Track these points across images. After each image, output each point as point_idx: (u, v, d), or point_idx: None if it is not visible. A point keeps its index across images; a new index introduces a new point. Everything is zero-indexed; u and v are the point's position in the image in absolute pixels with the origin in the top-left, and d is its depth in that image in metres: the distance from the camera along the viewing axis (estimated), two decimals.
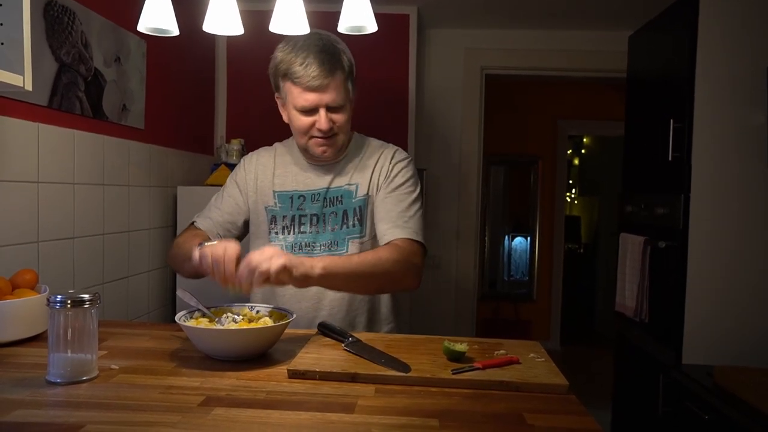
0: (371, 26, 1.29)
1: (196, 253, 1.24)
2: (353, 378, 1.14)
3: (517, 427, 0.95)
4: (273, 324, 1.24)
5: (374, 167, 1.51)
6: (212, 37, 2.96)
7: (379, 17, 3.07)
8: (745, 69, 1.96)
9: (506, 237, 6.68)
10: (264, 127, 3.09)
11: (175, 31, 1.30)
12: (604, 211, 6.08)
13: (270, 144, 1.66)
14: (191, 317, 1.31)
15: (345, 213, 1.48)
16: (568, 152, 6.14)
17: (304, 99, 1.37)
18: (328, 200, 1.49)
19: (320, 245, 1.49)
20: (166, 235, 2.49)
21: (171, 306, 2.54)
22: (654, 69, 2.32)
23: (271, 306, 1.40)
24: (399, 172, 1.51)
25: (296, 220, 1.49)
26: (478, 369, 1.17)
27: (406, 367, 1.17)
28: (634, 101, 2.53)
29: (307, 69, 1.34)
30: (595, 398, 2.36)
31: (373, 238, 1.51)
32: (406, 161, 1.55)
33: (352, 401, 1.03)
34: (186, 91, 2.73)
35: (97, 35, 1.93)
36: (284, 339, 1.39)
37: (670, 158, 2.01)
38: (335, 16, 1.34)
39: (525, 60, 3.39)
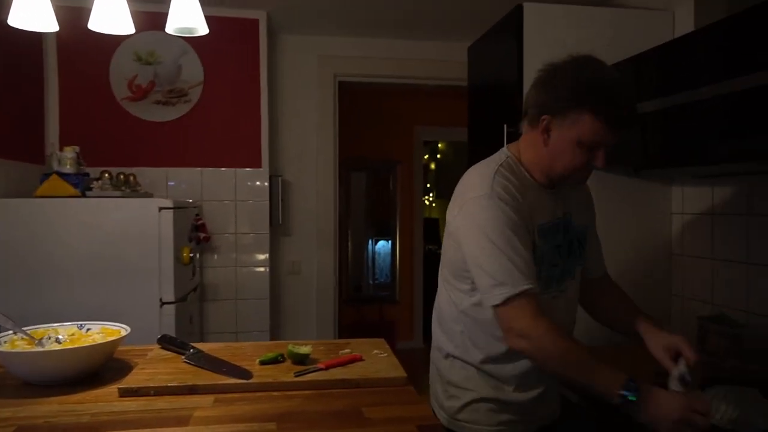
0: (202, 28, 1.25)
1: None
2: (191, 390, 1.10)
3: (354, 421, 0.97)
4: (101, 342, 1.16)
5: (579, 198, 1.48)
6: (38, 36, 2.70)
7: (226, 21, 3.03)
8: None
9: (369, 241, 6.81)
10: (103, 134, 2.90)
11: None
12: None
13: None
14: (6, 341, 1.19)
15: (571, 242, 1.41)
16: (425, 157, 6.41)
17: (601, 136, 1.25)
18: (564, 229, 1.40)
19: (563, 274, 1.39)
20: None
21: None
22: (489, 77, 2.50)
23: (103, 323, 1.30)
24: (593, 206, 1.55)
25: (554, 253, 1.36)
26: (321, 369, 1.18)
27: (247, 374, 1.14)
28: (474, 108, 2.70)
29: (621, 108, 1.25)
30: None
31: None
32: None
33: (187, 414, 0.99)
34: (7, 93, 2.46)
35: None
36: (119, 356, 1.30)
37: None
38: (162, 17, 1.28)
39: (377, 68, 3.48)
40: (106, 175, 2.54)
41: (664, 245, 2.24)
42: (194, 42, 2.90)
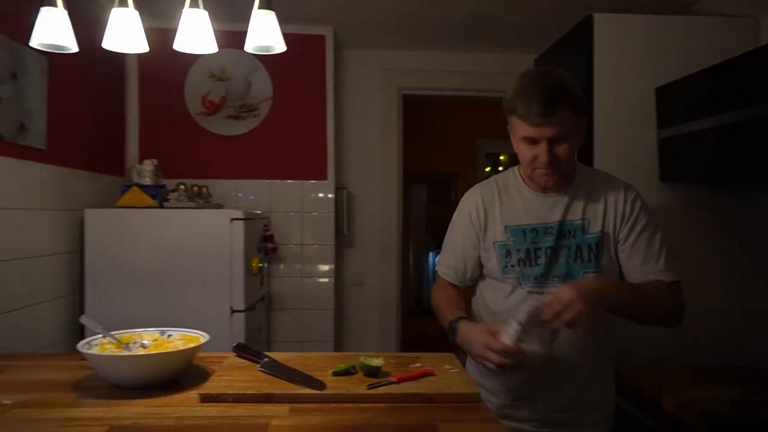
0: (279, 46, 1.29)
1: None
2: (268, 398, 1.12)
3: None
4: (183, 348, 1.20)
5: (606, 204, 1.50)
6: (122, 54, 2.86)
7: (295, 37, 3.10)
8: (637, 90, 2.11)
9: (430, 254, 6.79)
10: (178, 147, 3.03)
11: (73, 48, 1.25)
12: None
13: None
14: (97, 344, 1.25)
15: (579, 247, 1.48)
16: (487, 169, 6.36)
17: (528, 131, 1.40)
18: (561, 233, 1.48)
19: (553, 277, 1.48)
20: (72, 261, 2.36)
21: (80, 335, 2.40)
22: None
23: (183, 329, 1.35)
24: (639, 211, 1.51)
25: (531, 253, 1.48)
26: (393, 383, 1.18)
27: (321, 385, 1.16)
28: None
29: (530, 105, 1.36)
30: None
31: (609, 273, 1.50)
32: (640, 198, 1.54)
33: (265, 422, 1.02)
34: (94, 110, 2.62)
35: None
36: (197, 363, 1.35)
37: None
38: (235, 35, 1.33)
39: (440, 81, 3.49)
40: (182, 186, 2.65)
41: (752, 265, 2.12)
42: (264, 58, 2.99)
